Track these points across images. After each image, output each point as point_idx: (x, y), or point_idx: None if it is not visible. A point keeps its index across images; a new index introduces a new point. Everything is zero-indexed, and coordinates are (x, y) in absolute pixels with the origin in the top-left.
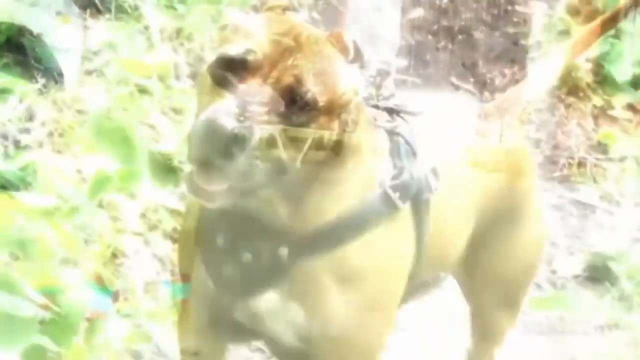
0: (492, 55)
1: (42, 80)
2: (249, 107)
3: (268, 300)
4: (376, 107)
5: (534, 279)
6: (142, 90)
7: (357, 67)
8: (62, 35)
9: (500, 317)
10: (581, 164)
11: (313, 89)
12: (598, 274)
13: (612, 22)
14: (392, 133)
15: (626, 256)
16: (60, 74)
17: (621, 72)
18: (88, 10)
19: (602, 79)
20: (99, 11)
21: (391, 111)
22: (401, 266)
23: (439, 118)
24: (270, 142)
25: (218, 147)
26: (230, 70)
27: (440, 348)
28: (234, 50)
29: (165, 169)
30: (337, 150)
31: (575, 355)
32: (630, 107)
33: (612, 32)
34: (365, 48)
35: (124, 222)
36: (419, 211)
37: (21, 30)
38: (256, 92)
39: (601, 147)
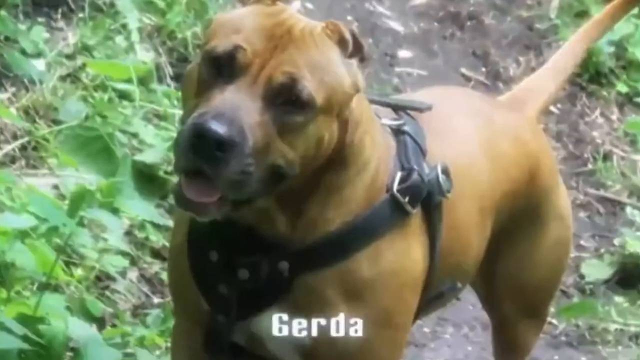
0: (504, 42)
1: (11, 89)
2: (239, 109)
3: (269, 320)
4: (380, 103)
5: (559, 285)
6: (122, 95)
7: (356, 60)
8: (32, 38)
9: (525, 327)
10: (607, 157)
11: (309, 87)
12: (630, 278)
13: (634, 0)
14: (398, 131)
15: None
16: (32, 81)
17: None
18: (59, 10)
19: (627, 64)
20: (71, 10)
21: (396, 107)
22: (413, 277)
23: (449, 113)
24: (265, 147)
25: (207, 154)
26: (218, 69)
27: None
28: (221, 47)
29: (151, 180)
30: (338, 152)
31: None
32: None
33: (635, 11)
34: (365, 39)
35: (108, 241)
36: (430, 216)
37: None
38: (247, 93)
39: (628, 138)
